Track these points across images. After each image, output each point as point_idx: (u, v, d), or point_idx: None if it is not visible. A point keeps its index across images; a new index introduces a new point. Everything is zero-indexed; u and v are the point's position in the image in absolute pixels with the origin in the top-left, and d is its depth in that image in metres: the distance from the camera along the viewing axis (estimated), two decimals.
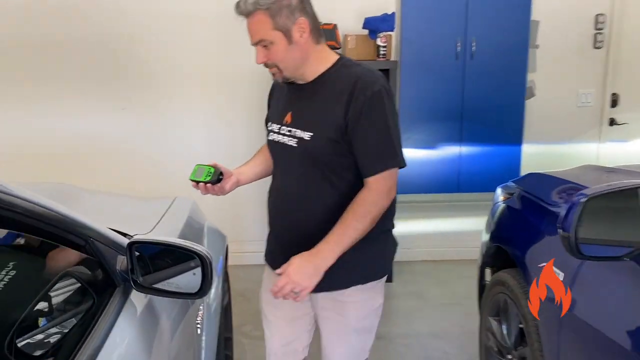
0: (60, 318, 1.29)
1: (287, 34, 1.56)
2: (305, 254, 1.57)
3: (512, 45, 3.83)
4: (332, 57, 1.66)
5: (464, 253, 4.00)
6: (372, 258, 1.71)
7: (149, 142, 3.99)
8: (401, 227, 4.05)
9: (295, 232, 1.70)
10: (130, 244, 1.33)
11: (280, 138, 1.70)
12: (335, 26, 3.56)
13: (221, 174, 1.75)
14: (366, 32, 3.66)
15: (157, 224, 2.06)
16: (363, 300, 1.73)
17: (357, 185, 1.62)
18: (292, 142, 1.65)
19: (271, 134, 1.75)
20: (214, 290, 2.16)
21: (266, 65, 1.62)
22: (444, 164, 3.94)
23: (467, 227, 4.01)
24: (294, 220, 1.71)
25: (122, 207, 2.36)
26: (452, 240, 4.17)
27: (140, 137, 3.99)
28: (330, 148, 1.59)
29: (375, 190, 1.59)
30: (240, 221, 4.02)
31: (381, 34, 3.59)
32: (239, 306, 3.16)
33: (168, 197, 2.49)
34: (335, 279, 1.63)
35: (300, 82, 1.65)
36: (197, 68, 3.92)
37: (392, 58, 3.74)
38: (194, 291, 1.31)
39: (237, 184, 1.81)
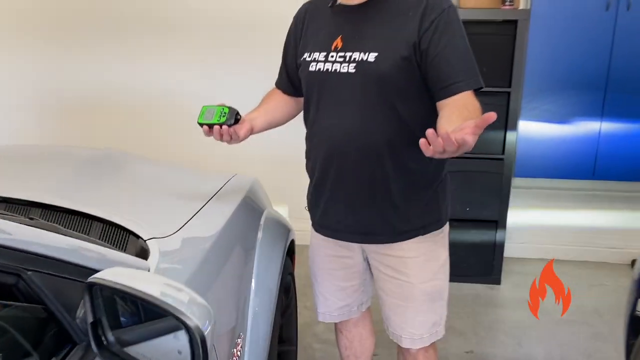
0: None
1: None
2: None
3: None
4: None
5: (595, 254, 3.44)
6: (429, 205, 1.61)
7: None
8: (516, 217, 3.46)
9: (354, 173, 1.54)
10: (90, 286, 0.83)
11: (329, 66, 1.53)
12: None
13: (238, 113, 1.54)
14: None
15: (196, 213, 1.63)
16: (424, 254, 1.63)
17: (421, 116, 1.49)
18: (349, 68, 1.50)
19: (312, 64, 1.57)
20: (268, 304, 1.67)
21: None
22: (578, 143, 3.31)
23: (602, 222, 3.47)
24: (352, 159, 1.53)
25: (164, 184, 1.92)
26: (581, 237, 3.54)
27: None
28: (399, 69, 1.46)
29: (470, 105, 1.38)
30: None
31: None
32: (310, 299, 2.67)
33: (225, 174, 2.08)
34: (391, 230, 1.58)
35: (351, 3, 1.54)
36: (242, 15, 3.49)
37: (521, 6, 3.16)
38: None
39: (251, 131, 1.63)
